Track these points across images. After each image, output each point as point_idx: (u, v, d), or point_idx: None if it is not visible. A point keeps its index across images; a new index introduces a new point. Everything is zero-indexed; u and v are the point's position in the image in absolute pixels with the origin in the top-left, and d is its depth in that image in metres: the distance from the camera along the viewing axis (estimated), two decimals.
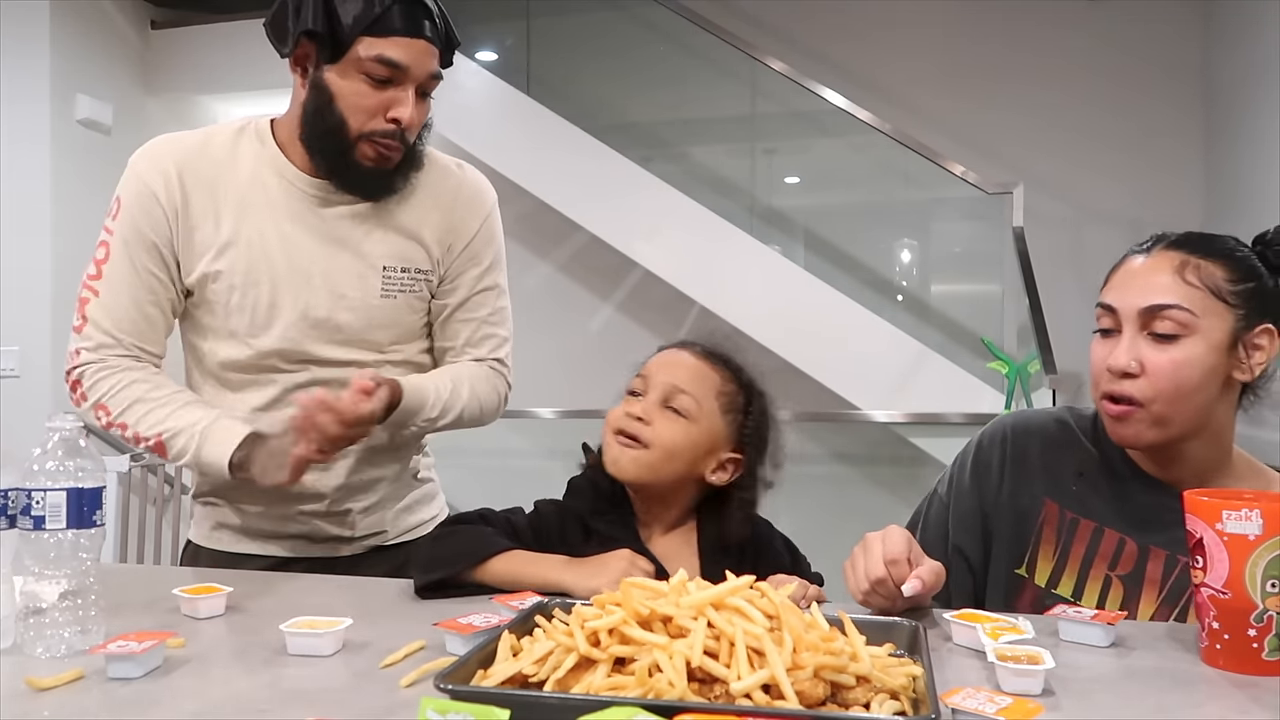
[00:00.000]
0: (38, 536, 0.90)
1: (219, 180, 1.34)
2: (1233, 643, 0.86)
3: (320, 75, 1.28)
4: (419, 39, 1.27)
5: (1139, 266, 1.08)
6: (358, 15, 1.23)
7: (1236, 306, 1.04)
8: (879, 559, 1.01)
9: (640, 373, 1.25)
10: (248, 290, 1.34)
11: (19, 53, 4.00)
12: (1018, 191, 3.64)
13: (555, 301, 4.80)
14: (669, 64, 4.70)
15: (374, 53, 1.24)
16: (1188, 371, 1.03)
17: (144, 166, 1.35)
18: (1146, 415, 1.05)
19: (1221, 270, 1.05)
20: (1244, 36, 3.88)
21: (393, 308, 1.39)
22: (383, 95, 1.27)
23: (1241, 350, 1.05)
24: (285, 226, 1.34)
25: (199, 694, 0.81)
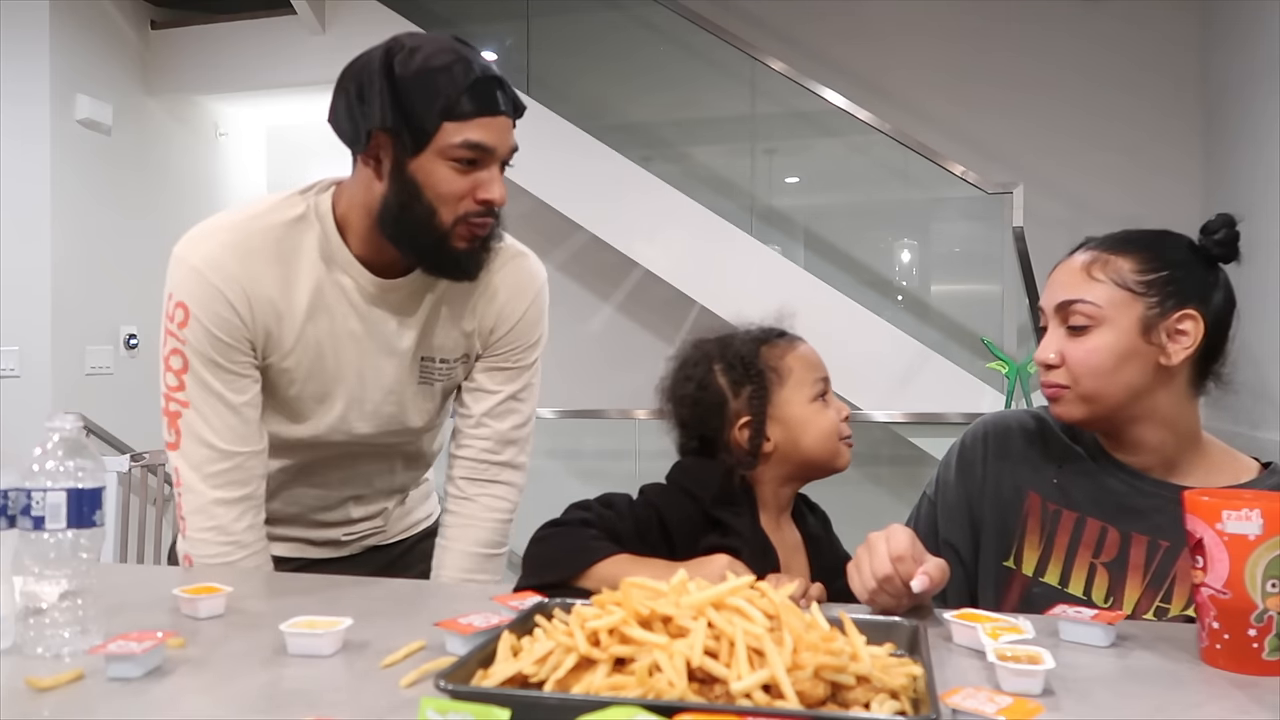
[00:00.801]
0: (38, 536, 0.90)
1: (281, 275, 1.29)
2: (1233, 643, 0.86)
3: (403, 168, 1.22)
4: (499, 115, 1.23)
5: (1059, 268, 1.19)
6: (437, 104, 1.19)
7: (1145, 295, 1.12)
8: (885, 557, 1.01)
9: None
10: (305, 384, 1.33)
11: (19, 53, 4.00)
12: (1018, 191, 3.64)
13: (555, 301, 4.78)
14: (669, 64, 4.70)
15: (459, 139, 1.20)
16: (1099, 357, 1.12)
17: (207, 270, 1.26)
18: (1073, 395, 1.14)
19: (1129, 263, 1.13)
20: (1242, 38, 3.88)
21: (429, 393, 1.41)
22: (470, 178, 1.23)
23: (1162, 336, 1.12)
24: (348, 324, 1.32)
25: (199, 694, 0.81)
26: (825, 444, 1.25)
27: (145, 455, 3.08)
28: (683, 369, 1.32)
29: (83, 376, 4.13)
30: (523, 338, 1.43)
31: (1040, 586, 1.18)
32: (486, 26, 4.92)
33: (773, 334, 1.31)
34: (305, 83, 4.57)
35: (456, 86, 1.19)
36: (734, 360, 1.27)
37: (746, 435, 1.25)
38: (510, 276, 1.41)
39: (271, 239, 1.29)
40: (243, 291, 1.26)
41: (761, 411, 1.24)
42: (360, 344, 1.33)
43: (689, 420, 1.30)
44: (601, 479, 4.61)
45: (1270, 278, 3.46)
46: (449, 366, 1.40)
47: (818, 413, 1.25)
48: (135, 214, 4.41)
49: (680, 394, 1.30)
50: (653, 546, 1.17)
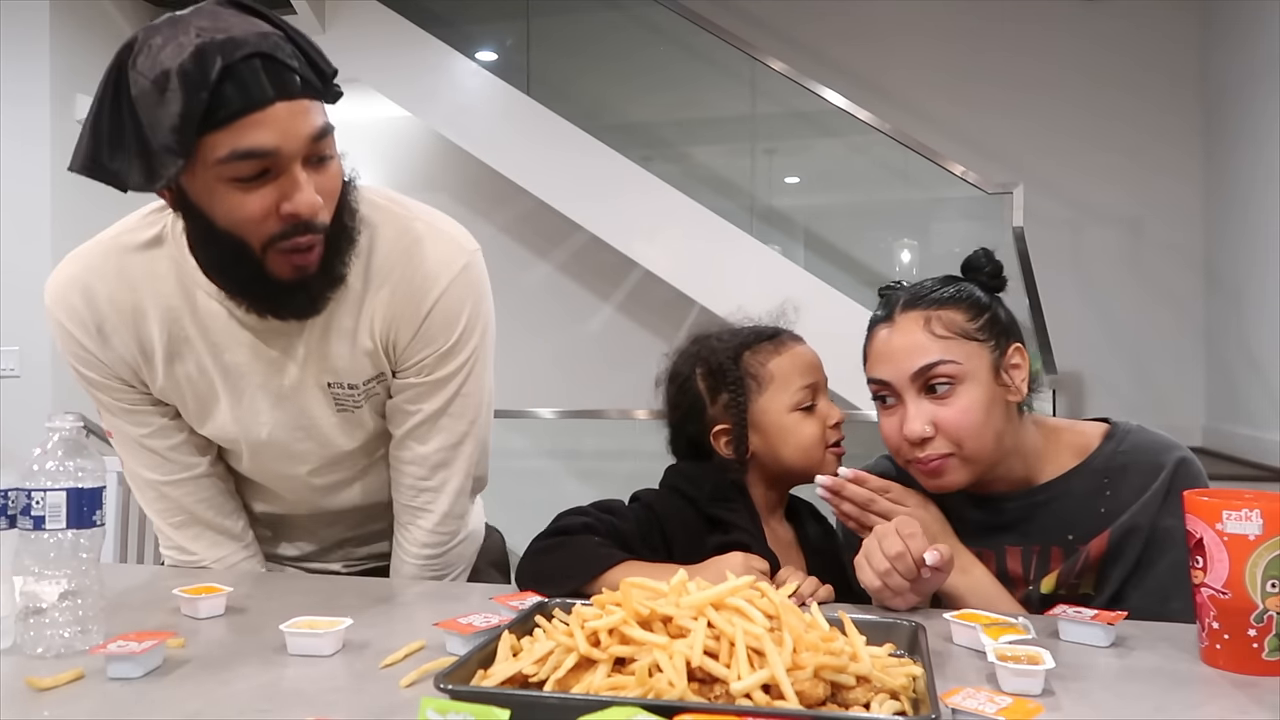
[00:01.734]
0: (38, 536, 0.90)
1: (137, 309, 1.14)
2: (1233, 643, 0.86)
3: (184, 198, 1.02)
4: (271, 105, 0.95)
5: (891, 335, 1.16)
6: (184, 114, 0.92)
7: (985, 340, 1.14)
8: (895, 535, 1.03)
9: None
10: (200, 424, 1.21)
11: (19, 53, 4.00)
12: (1018, 191, 3.64)
13: (555, 301, 4.81)
14: (669, 64, 4.70)
15: (225, 152, 0.95)
16: (973, 414, 1.11)
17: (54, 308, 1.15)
18: (957, 461, 1.12)
19: (959, 314, 1.14)
20: (1242, 38, 3.88)
21: (356, 420, 1.22)
22: (265, 192, 0.98)
23: (1005, 375, 1.14)
24: (221, 357, 1.16)
25: (199, 694, 0.81)
26: (806, 454, 1.23)
27: None
28: (674, 365, 1.31)
29: None
30: (431, 343, 1.17)
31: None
32: (486, 26, 4.92)
33: (761, 336, 1.28)
34: None
35: (198, 86, 0.92)
36: (714, 366, 1.25)
37: (724, 442, 1.24)
38: (404, 273, 1.15)
39: (120, 266, 1.14)
40: (92, 329, 1.14)
41: (741, 420, 1.22)
42: (249, 378, 1.16)
43: (673, 421, 1.30)
44: (601, 479, 4.61)
45: (1270, 277, 3.46)
46: (364, 390, 1.19)
47: (798, 422, 1.23)
48: None
49: (666, 391, 1.30)
50: (654, 550, 1.17)
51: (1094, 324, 4.33)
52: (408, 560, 1.30)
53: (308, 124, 0.99)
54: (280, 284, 1.05)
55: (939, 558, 1.02)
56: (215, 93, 0.93)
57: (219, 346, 1.15)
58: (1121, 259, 4.31)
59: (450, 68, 4.39)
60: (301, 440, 1.22)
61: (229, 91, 0.93)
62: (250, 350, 1.15)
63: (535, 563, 1.13)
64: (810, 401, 1.25)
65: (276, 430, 1.20)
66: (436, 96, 4.40)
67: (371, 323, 1.16)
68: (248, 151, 0.95)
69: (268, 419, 1.19)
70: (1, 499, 0.94)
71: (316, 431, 1.21)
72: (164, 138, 0.94)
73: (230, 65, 0.93)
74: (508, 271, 4.88)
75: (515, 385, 4.43)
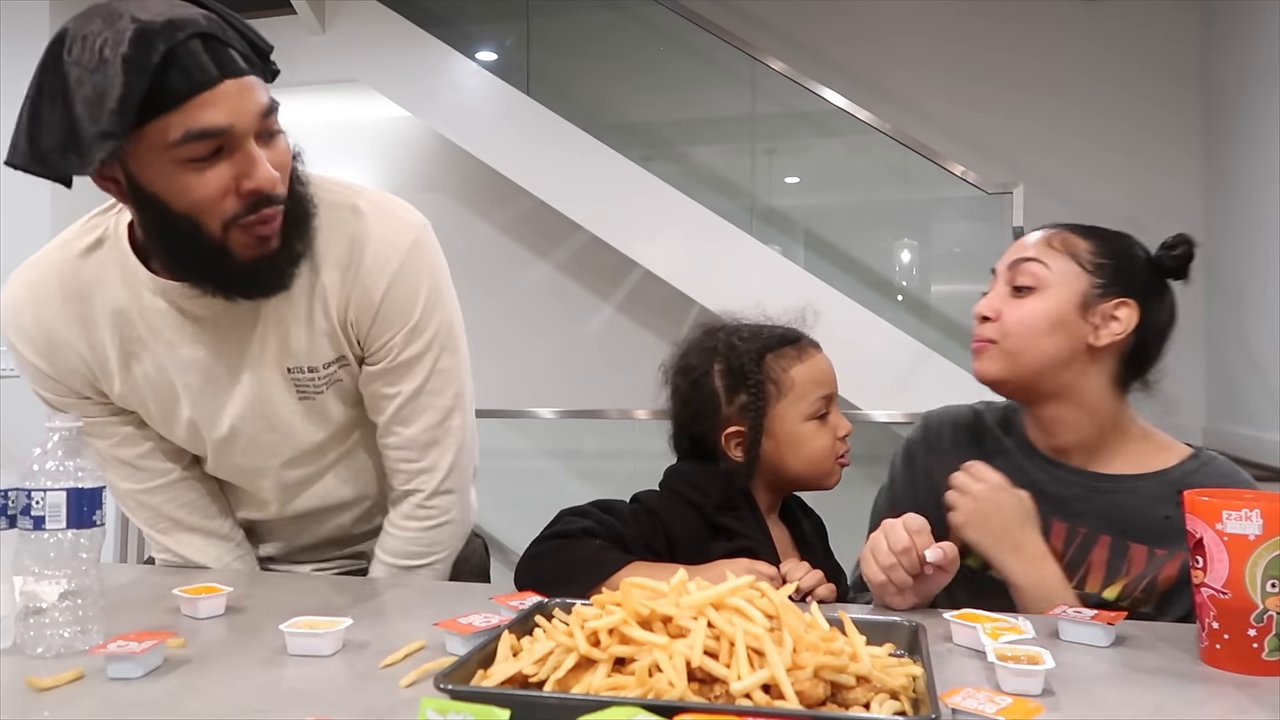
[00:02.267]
0: (38, 536, 0.90)
1: (85, 316, 1.13)
2: (1233, 643, 0.86)
3: (137, 187, 0.99)
4: (219, 83, 0.95)
5: (1020, 239, 1.25)
6: (123, 96, 0.90)
7: (1092, 273, 1.17)
8: (901, 531, 1.04)
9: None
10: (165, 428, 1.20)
11: (19, 52, 3.98)
12: (1018, 191, 3.64)
13: (555, 301, 4.80)
14: (669, 64, 4.70)
15: (178, 134, 0.94)
16: (1033, 318, 1.17)
17: (8, 329, 1.16)
18: (998, 350, 1.19)
19: (1086, 242, 1.19)
20: (1243, 38, 3.88)
21: (318, 408, 1.20)
22: (220, 171, 0.98)
23: (1097, 316, 1.17)
24: (180, 353, 1.14)
25: (199, 694, 0.81)
26: (816, 465, 1.23)
27: None
28: (685, 357, 1.27)
29: None
30: (393, 325, 1.16)
31: (964, 569, 1.20)
32: (486, 26, 4.92)
33: (785, 340, 1.26)
34: (305, 83, 4.57)
35: (143, 69, 0.91)
36: (735, 365, 1.22)
37: (735, 444, 1.22)
38: (351, 253, 1.14)
39: (61, 276, 1.13)
40: (43, 343, 1.15)
41: (757, 425, 1.20)
42: (206, 371, 1.15)
43: (680, 416, 1.26)
44: (601, 479, 4.61)
45: (1271, 277, 3.46)
46: (325, 374, 1.17)
47: (812, 433, 1.22)
48: None
49: (675, 384, 1.26)
50: (656, 554, 1.15)
51: None
52: (393, 533, 1.26)
53: (256, 100, 0.99)
54: (243, 263, 1.04)
55: (941, 555, 1.03)
56: (161, 76, 0.92)
57: (172, 343, 1.13)
58: None
59: (450, 68, 4.39)
60: (265, 431, 1.19)
61: (175, 74, 0.93)
62: (204, 343, 1.14)
63: (536, 566, 1.11)
64: (824, 412, 1.24)
65: (240, 424, 1.18)
66: (436, 96, 4.40)
67: (325, 303, 1.14)
68: (201, 131, 0.95)
69: (230, 411, 1.17)
70: (1, 499, 0.94)
71: (280, 421, 1.19)
72: (103, 122, 0.91)
73: (173, 48, 0.92)
74: (508, 271, 4.88)
75: (515, 385, 4.43)
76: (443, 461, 1.24)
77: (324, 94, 4.75)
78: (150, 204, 1.00)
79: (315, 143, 4.10)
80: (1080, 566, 1.17)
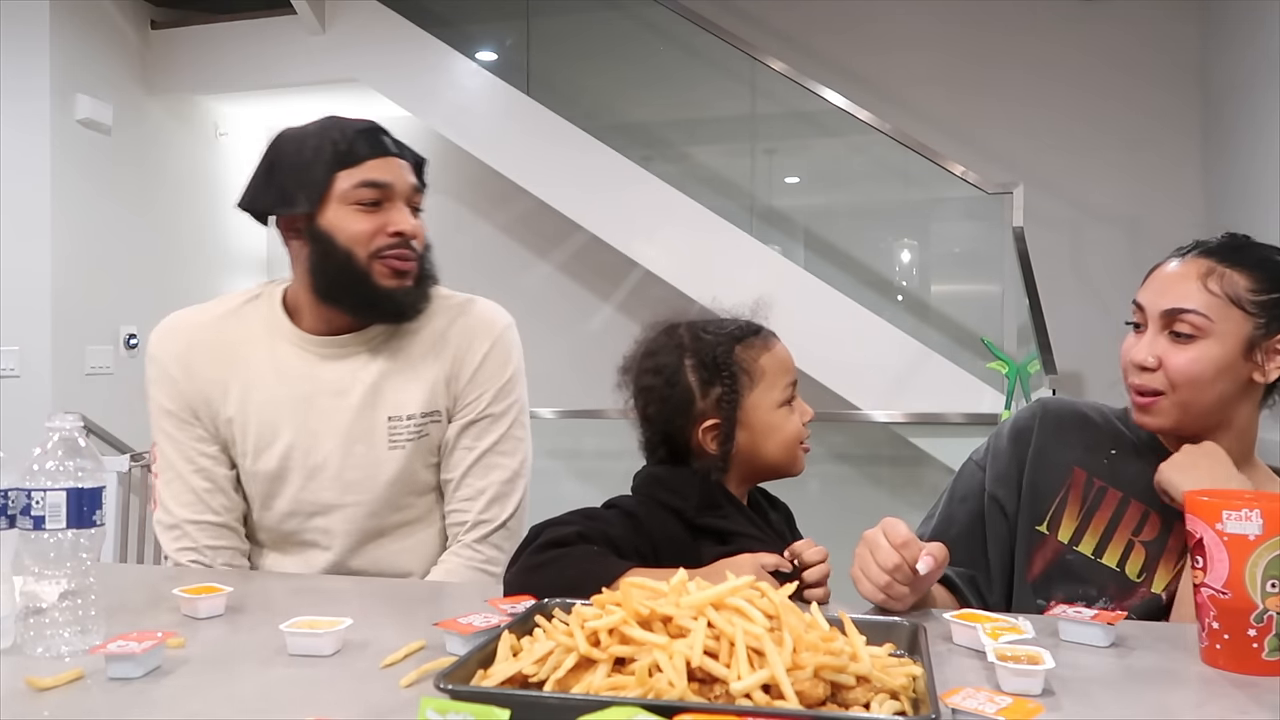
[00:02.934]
0: (38, 536, 0.90)
1: (226, 349, 1.39)
2: (1233, 643, 0.86)
3: (314, 226, 1.32)
4: (389, 157, 1.33)
5: (1170, 270, 1.17)
6: (325, 158, 1.30)
7: (1256, 315, 1.12)
8: (889, 548, 1.03)
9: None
10: (261, 454, 1.37)
11: (19, 53, 3.99)
12: (1018, 191, 3.64)
13: (555, 301, 4.81)
14: (669, 64, 4.70)
15: (355, 181, 1.30)
16: (1199, 369, 1.12)
17: (155, 347, 1.41)
18: (1169, 403, 1.15)
19: (1245, 280, 1.13)
20: (1242, 37, 3.88)
21: (403, 459, 1.38)
22: (377, 217, 1.32)
23: (1260, 355, 1.13)
24: (293, 389, 1.37)
25: (199, 694, 0.81)
26: (786, 451, 1.22)
27: (145, 455, 3.08)
28: (650, 357, 1.25)
29: (83, 376, 4.13)
30: (488, 383, 1.42)
31: (1074, 555, 1.21)
32: (486, 26, 4.92)
33: (749, 331, 1.25)
34: (305, 83, 4.57)
35: (343, 139, 1.31)
36: (706, 358, 1.21)
37: (711, 437, 1.21)
38: (461, 324, 1.43)
39: (218, 316, 1.42)
40: (178, 361, 1.38)
41: (732, 416, 1.20)
42: (317, 405, 1.36)
43: (653, 416, 1.24)
44: (601, 479, 4.60)
45: None
46: (418, 425, 1.38)
47: (784, 419, 1.22)
48: (135, 214, 4.40)
49: (645, 385, 1.24)
50: (643, 558, 1.13)
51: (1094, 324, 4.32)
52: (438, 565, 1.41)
53: (410, 178, 1.36)
54: (382, 290, 1.33)
55: (932, 562, 1.03)
56: (351, 144, 1.31)
57: (292, 381, 1.37)
58: (1121, 259, 4.30)
59: (450, 68, 4.38)
60: (353, 468, 1.37)
61: (360, 144, 1.32)
62: (323, 382, 1.37)
63: (534, 578, 1.06)
64: (792, 397, 1.25)
65: (332, 456, 1.36)
66: (436, 96, 4.40)
67: (432, 361, 1.40)
68: (371, 181, 1.31)
69: (328, 441, 1.37)
70: (1, 499, 0.94)
71: (368, 460, 1.37)
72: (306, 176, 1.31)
73: (362, 130, 1.33)
74: (508, 271, 4.88)
75: None
76: (501, 515, 1.42)
77: (324, 94, 4.74)
78: (321, 239, 1.31)
79: None
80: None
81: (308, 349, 1.38)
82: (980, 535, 1.27)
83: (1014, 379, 3.53)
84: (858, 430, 4.15)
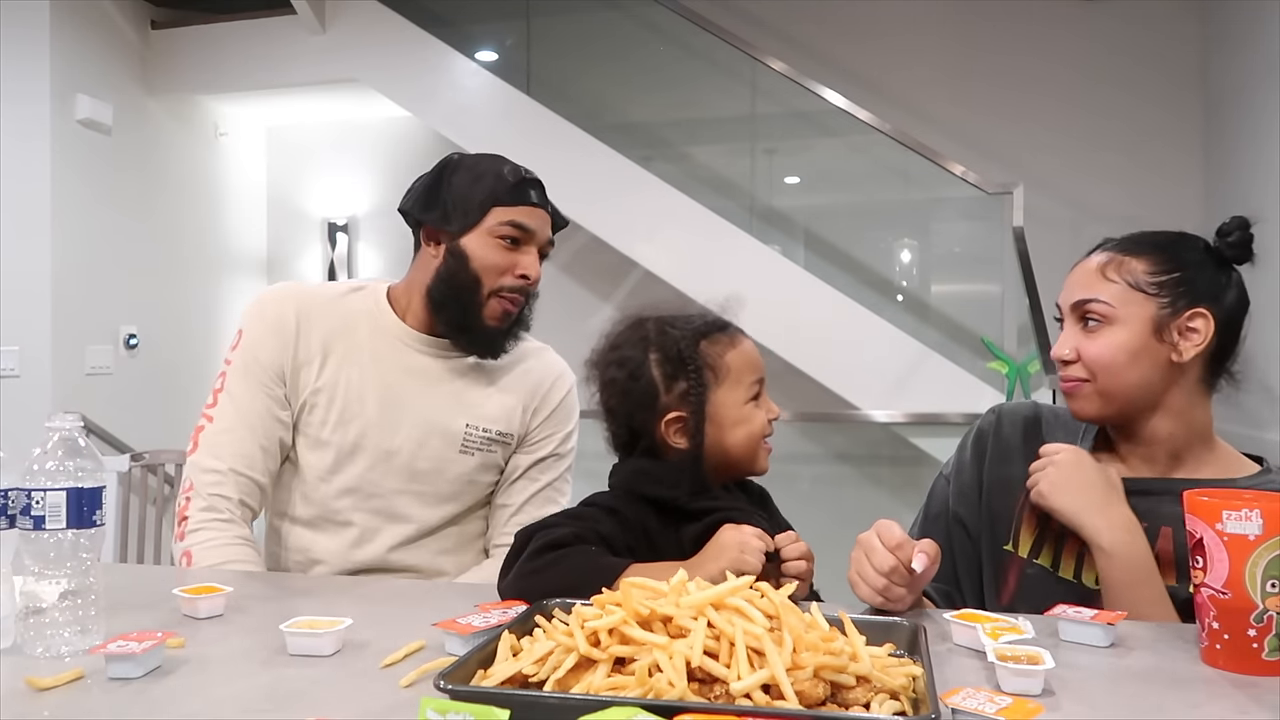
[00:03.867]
0: (38, 536, 0.90)
1: (330, 324, 1.46)
2: (1233, 643, 0.86)
3: (456, 244, 1.42)
4: (538, 208, 1.45)
5: (1077, 268, 1.24)
6: (488, 192, 1.41)
7: (1157, 295, 1.16)
8: (883, 551, 1.03)
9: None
10: (338, 428, 1.43)
11: (19, 53, 3.99)
12: (1018, 192, 3.64)
13: (555, 301, 4.78)
14: (669, 64, 4.70)
15: (507, 219, 1.41)
16: (1112, 354, 1.16)
17: (268, 301, 1.48)
18: (1091, 390, 1.18)
19: (1143, 264, 1.18)
20: (1243, 38, 3.88)
21: (468, 465, 1.47)
22: (512, 255, 1.42)
23: (1174, 334, 1.16)
24: (384, 374, 1.45)
25: (199, 694, 0.81)
26: (749, 448, 1.22)
27: (145, 455, 3.08)
28: (615, 350, 1.25)
29: (83, 376, 4.13)
30: (559, 425, 1.55)
31: (1034, 568, 1.22)
32: (486, 26, 4.92)
33: (715, 327, 1.24)
34: (305, 83, 4.57)
35: (506, 180, 1.42)
36: (671, 352, 1.21)
37: (675, 431, 1.20)
38: (545, 364, 1.56)
39: (329, 294, 1.51)
40: (294, 315, 1.45)
41: (699, 411, 1.19)
42: (405, 395, 1.45)
43: (617, 410, 1.24)
44: (601, 479, 4.59)
45: (1272, 278, 3.45)
46: (490, 440, 1.48)
47: (749, 416, 1.21)
48: (135, 214, 4.41)
49: (609, 378, 1.23)
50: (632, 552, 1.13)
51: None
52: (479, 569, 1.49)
53: (548, 230, 1.48)
54: (484, 326, 1.43)
55: (926, 560, 1.03)
56: (514, 186, 1.43)
57: (389, 368, 1.45)
58: None
59: (450, 68, 4.38)
60: (423, 459, 1.44)
61: (522, 189, 1.43)
62: (415, 376, 1.46)
63: (535, 582, 1.05)
64: (759, 394, 1.24)
65: (408, 443, 1.43)
66: (436, 96, 4.40)
67: (518, 387, 1.52)
68: (519, 224, 1.42)
69: (407, 428, 1.44)
70: (1, 499, 0.94)
71: (438, 455, 1.45)
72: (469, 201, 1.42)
73: (525, 178, 1.45)
74: None
75: None
76: None
77: (324, 94, 4.74)
78: (458, 256, 1.42)
79: (315, 143, 4.15)
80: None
81: (408, 342, 1.47)
82: (950, 552, 1.28)
83: (1014, 379, 3.53)
84: (857, 430, 4.15)
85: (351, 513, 1.43)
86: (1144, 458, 1.21)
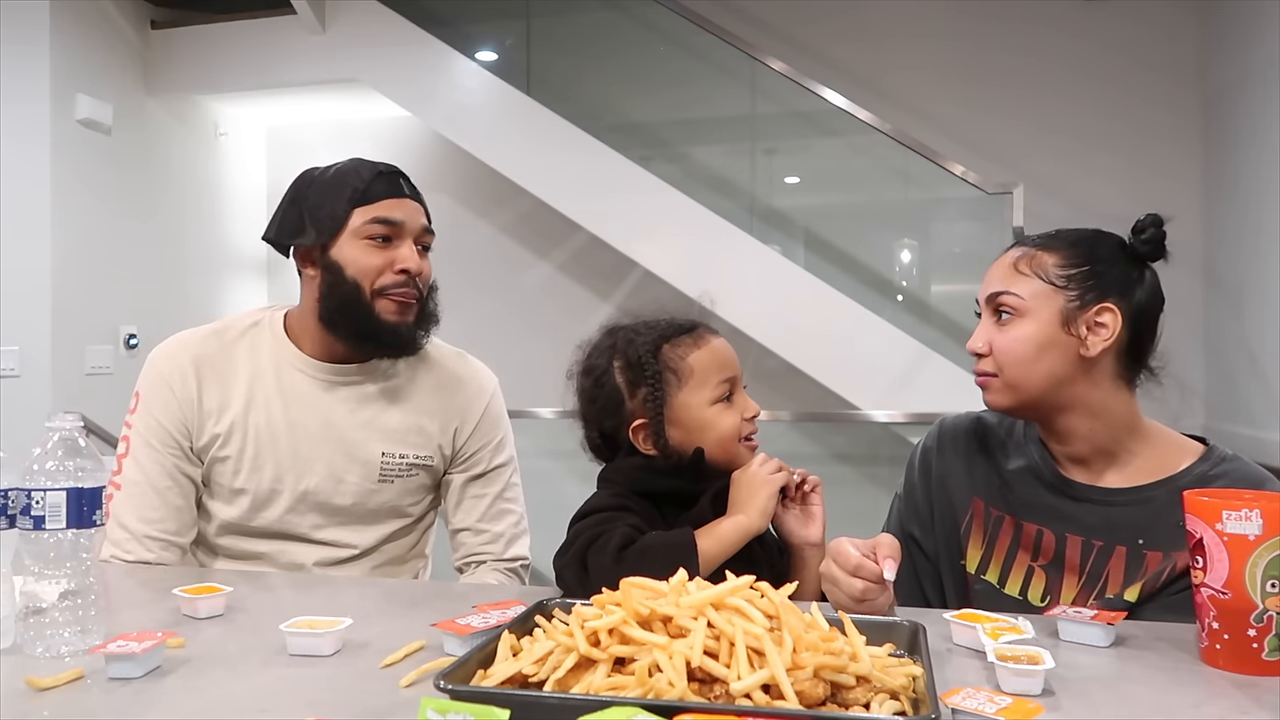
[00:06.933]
0: (38, 536, 0.90)
1: (229, 370, 1.42)
2: (1233, 643, 0.86)
3: (327, 257, 1.38)
4: (404, 198, 1.40)
5: (995, 263, 1.25)
6: (345, 194, 1.37)
7: (1065, 288, 1.17)
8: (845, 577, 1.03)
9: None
10: (251, 475, 1.40)
11: (19, 53, 3.99)
12: (1018, 192, 3.64)
13: (555, 301, 4.80)
14: (669, 64, 4.70)
15: (370, 217, 1.37)
16: (1020, 346, 1.17)
17: (160, 360, 1.43)
18: (1000, 383, 1.20)
19: (1053, 258, 1.19)
20: (1242, 38, 3.88)
21: (391, 493, 1.45)
22: (386, 252, 1.38)
23: (1081, 327, 1.16)
24: (292, 413, 1.41)
25: (199, 694, 0.81)
26: (725, 447, 1.22)
27: None
28: (588, 358, 1.28)
29: (83, 376, 4.13)
30: (488, 436, 1.51)
31: (981, 584, 1.24)
32: (486, 26, 4.92)
33: (679, 330, 1.26)
34: (305, 83, 4.57)
35: (361, 179, 1.38)
36: (633, 359, 1.23)
37: (643, 436, 1.22)
38: (458, 377, 1.51)
39: (227, 336, 1.45)
40: (191, 366, 1.41)
41: (658, 415, 1.20)
42: (315, 431, 1.41)
43: (587, 415, 1.27)
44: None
45: (1270, 277, 3.46)
46: (410, 465, 1.45)
47: (717, 416, 1.21)
48: (135, 214, 4.40)
49: (579, 386, 1.28)
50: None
51: None
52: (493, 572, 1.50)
53: (420, 218, 1.42)
54: (385, 323, 1.38)
55: (894, 565, 1.03)
56: (369, 183, 1.38)
57: (293, 406, 1.41)
58: None
59: (450, 68, 4.38)
60: (342, 495, 1.42)
61: (378, 184, 1.39)
62: (324, 408, 1.42)
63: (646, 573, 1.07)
64: (729, 394, 1.24)
65: (325, 481, 1.41)
66: (436, 96, 4.40)
67: (435, 406, 1.47)
68: (384, 219, 1.38)
69: (320, 465, 1.41)
70: (1, 499, 0.94)
71: (358, 489, 1.42)
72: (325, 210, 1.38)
73: (381, 172, 1.40)
74: (508, 271, 4.88)
75: (515, 385, 4.41)
76: (523, 553, 1.53)
77: (324, 94, 4.74)
78: (333, 269, 1.38)
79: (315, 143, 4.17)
80: (1100, 576, 1.17)
81: (311, 374, 1.43)
82: (913, 571, 1.30)
83: None
84: (857, 430, 4.15)
85: (277, 555, 1.42)
86: (1072, 457, 1.21)
